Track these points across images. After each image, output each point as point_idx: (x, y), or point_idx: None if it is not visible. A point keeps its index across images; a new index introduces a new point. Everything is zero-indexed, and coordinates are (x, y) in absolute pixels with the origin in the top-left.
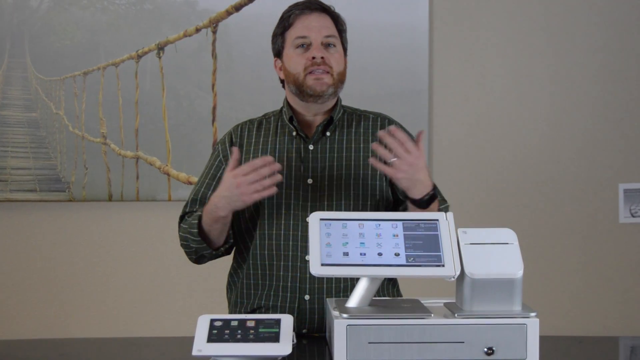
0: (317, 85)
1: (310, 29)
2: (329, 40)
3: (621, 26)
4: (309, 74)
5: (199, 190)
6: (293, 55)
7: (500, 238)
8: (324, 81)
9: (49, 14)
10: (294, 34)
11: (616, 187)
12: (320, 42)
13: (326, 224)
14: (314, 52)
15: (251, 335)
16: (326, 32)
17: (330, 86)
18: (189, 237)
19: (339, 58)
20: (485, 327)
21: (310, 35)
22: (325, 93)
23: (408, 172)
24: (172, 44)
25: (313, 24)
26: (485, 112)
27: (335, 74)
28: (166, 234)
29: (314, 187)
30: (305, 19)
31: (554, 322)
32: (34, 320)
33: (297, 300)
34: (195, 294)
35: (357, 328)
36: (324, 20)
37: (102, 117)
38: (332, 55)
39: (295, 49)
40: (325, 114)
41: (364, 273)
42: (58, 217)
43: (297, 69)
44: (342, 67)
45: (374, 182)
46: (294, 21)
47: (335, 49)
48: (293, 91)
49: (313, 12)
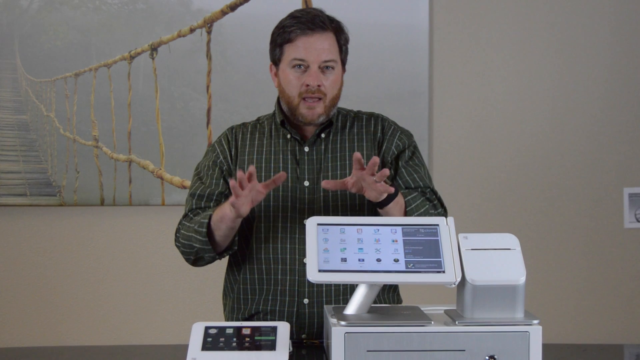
0: (309, 114)
1: (309, 52)
2: (327, 64)
3: (625, 26)
4: (302, 100)
5: (204, 190)
6: (289, 75)
7: (502, 243)
8: (316, 111)
9: (40, 13)
10: (293, 53)
11: (621, 191)
12: (317, 66)
13: (323, 229)
14: (310, 79)
15: (247, 343)
16: (325, 56)
17: (322, 114)
18: (194, 236)
19: (335, 81)
20: (486, 334)
21: (308, 58)
22: (315, 121)
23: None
24: (165, 44)
25: (313, 47)
26: (486, 114)
27: (329, 100)
28: (160, 239)
29: (311, 189)
30: (306, 40)
31: (557, 329)
32: (24, 328)
33: (296, 305)
34: (190, 300)
35: (355, 336)
36: (325, 40)
37: (94, 119)
38: (327, 80)
39: (292, 69)
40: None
41: (363, 279)
42: (49, 222)
43: (292, 92)
44: (336, 91)
45: None
46: (295, 38)
47: (333, 71)
48: (285, 109)
49: (315, 33)
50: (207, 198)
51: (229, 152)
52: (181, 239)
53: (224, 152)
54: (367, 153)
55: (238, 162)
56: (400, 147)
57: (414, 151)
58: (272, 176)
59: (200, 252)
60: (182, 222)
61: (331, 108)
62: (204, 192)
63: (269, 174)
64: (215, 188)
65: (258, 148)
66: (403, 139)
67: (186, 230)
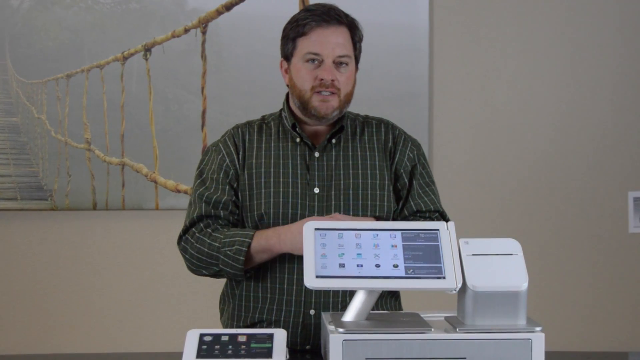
0: (323, 107)
1: (324, 46)
2: (341, 59)
3: (631, 25)
4: (315, 94)
5: (211, 195)
6: (302, 69)
7: (504, 249)
8: (330, 104)
9: (31, 13)
10: (307, 47)
11: (626, 195)
12: (332, 60)
13: (321, 234)
14: (324, 74)
15: (242, 350)
16: (340, 51)
17: (336, 109)
18: (225, 260)
19: (349, 77)
20: (488, 342)
21: (323, 52)
22: (329, 116)
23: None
24: (159, 45)
25: (328, 40)
26: (488, 116)
27: (343, 95)
28: (154, 244)
29: (321, 196)
30: (320, 33)
31: (560, 336)
32: (15, 336)
33: (302, 315)
34: (185, 307)
35: (353, 343)
36: (340, 35)
37: (86, 121)
38: (342, 75)
39: (305, 63)
40: (330, 124)
41: (361, 285)
42: (40, 227)
43: (305, 86)
44: (350, 87)
45: (382, 192)
46: (309, 31)
47: (347, 67)
48: (297, 104)
49: (330, 26)
50: (217, 205)
51: (235, 155)
52: (191, 250)
53: (230, 154)
54: (379, 163)
55: (246, 166)
56: (412, 159)
57: (424, 164)
58: (281, 181)
59: (225, 274)
60: (192, 232)
61: (345, 105)
62: (211, 198)
63: (278, 180)
64: (222, 195)
65: (266, 152)
66: (414, 150)
67: (203, 245)
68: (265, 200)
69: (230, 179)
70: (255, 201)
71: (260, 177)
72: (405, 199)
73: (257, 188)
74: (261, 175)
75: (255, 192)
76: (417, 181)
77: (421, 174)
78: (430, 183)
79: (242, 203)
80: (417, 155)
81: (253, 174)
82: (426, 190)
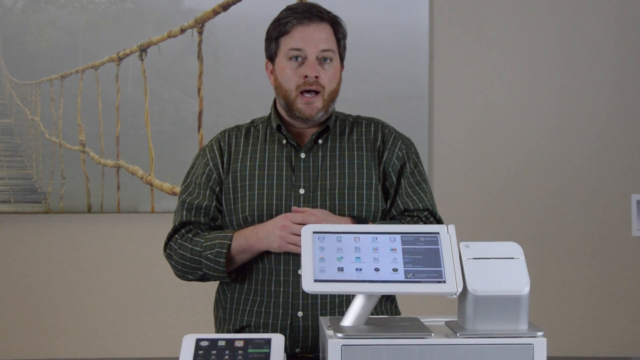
0: (307, 109)
1: (306, 42)
2: (325, 54)
3: (632, 26)
4: (300, 95)
5: (193, 201)
6: (286, 68)
7: (505, 252)
8: (314, 105)
9: (24, 13)
10: (289, 44)
11: (629, 197)
12: (315, 56)
13: (319, 238)
14: (307, 70)
15: (239, 356)
16: (323, 45)
17: (321, 110)
18: (207, 263)
19: (334, 74)
20: (489, 347)
21: (306, 48)
22: (314, 117)
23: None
24: (155, 45)
25: (310, 36)
26: (488, 117)
27: (327, 94)
28: (149, 248)
29: (306, 197)
30: (302, 30)
31: (563, 341)
32: (8, 340)
33: (290, 317)
34: (181, 311)
35: (352, 348)
36: (323, 31)
37: (81, 123)
38: (326, 72)
39: (289, 61)
40: (317, 125)
41: (360, 290)
42: (34, 230)
43: (289, 85)
44: (334, 85)
45: (369, 191)
46: (291, 29)
47: (331, 64)
48: (282, 106)
49: (312, 22)
50: (198, 211)
51: (220, 159)
52: (175, 256)
53: (214, 158)
54: (366, 162)
55: (231, 170)
56: (402, 157)
57: (415, 162)
58: (266, 183)
59: (210, 278)
60: (175, 239)
61: (330, 103)
62: (193, 204)
63: (263, 182)
64: (203, 200)
65: (252, 154)
66: (404, 148)
67: (185, 250)
68: (249, 203)
69: (212, 184)
70: (240, 204)
71: (245, 180)
72: (393, 197)
73: (242, 191)
74: (246, 178)
75: (240, 195)
76: (406, 180)
77: (411, 173)
78: (422, 181)
79: (227, 207)
80: (407, 154)
81: (237, 177)
82: (415, 189)
